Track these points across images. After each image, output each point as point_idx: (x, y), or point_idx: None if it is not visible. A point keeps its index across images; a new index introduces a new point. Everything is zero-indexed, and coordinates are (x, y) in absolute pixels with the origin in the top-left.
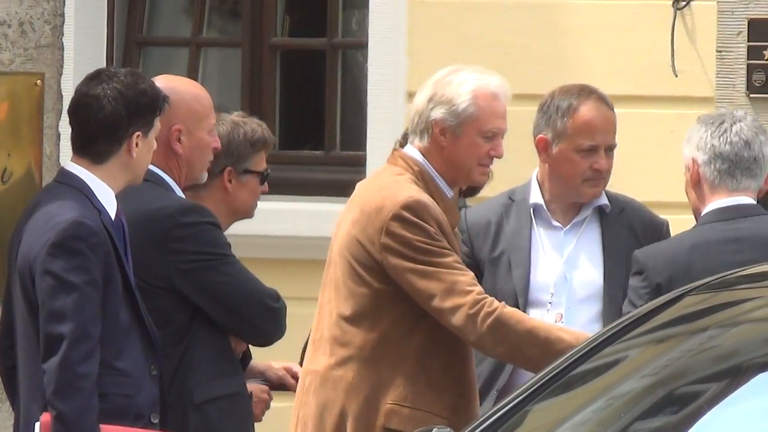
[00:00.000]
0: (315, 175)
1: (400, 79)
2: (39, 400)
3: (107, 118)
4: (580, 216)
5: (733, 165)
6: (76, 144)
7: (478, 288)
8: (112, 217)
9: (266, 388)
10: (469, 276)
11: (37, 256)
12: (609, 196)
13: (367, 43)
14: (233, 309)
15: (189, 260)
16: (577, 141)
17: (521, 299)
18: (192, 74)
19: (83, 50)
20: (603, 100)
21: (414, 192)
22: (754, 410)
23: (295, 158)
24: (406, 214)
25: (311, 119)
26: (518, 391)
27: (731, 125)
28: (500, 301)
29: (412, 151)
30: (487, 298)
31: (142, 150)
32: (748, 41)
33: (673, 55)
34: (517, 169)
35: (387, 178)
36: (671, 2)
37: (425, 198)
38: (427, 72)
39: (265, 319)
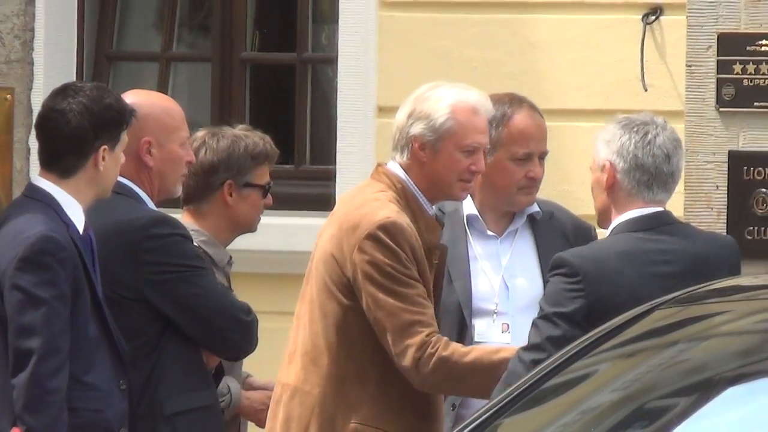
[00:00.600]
0: (284, 189)
1: (370, 93)
2: (8, 415)
3: (73, 133)
4: (513, 225)
5: (652, 178)
6: (43, 158)
7: (430, 329)
8: (80, 231)
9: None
10: (426, 314)
11: (5, 271)
12: (538, 202)
13: (336, 58)
14: (204, 321)
15: (160, 271)
16: (513, 149)
17: (466, 311)
18: (162, 89)
19: (53, 65)
20: (534, 108)
21: (392, 213)
22: (724, 424)
23: None
24: (381, 235)
25: (281, 133)
26: (488, 405)
27: (655, 137)
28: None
29: (395, 167)
30: (432, 338)
31: (109, 164)
32: (718, 56)
33: (642, 70)
34: None
35: (369, 195)
36: (641, 17)
37: (403, 220)
38: (397, 87)
39: (237, 332)
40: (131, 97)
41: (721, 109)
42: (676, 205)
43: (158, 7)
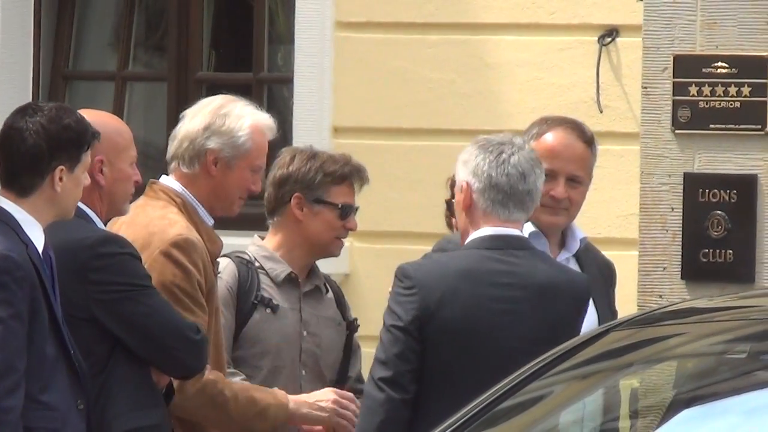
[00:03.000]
0: (240, 210)
1: (326, 114)
2: None
3: (28, 152)
4: (567, 251)
5: (507, 197)
6: (1, 177)
7: None
8: (40, 250)
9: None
10: None
11: None
12: None
13: (292, 78)
14: (152, 340)
15: (107, 291)
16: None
17: None
18: (118, 108)
19: (9, 84)
20: (576, 132)
21: (183, 229)
22: None
23: None
24: (175, 252)
25: None
26: (442, 427)
27: (510, 156)
28: None
29: (171, 182)
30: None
31: (68, 185)
32: (674, 77)
33: (598, 91)
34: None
35: (153, 213)
36: (597, 38)
37: (194, 236)
38: (353, 107)
39: (185, 351)
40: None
41: (676, 131)
42: (631, 227)
43: (114, 26)
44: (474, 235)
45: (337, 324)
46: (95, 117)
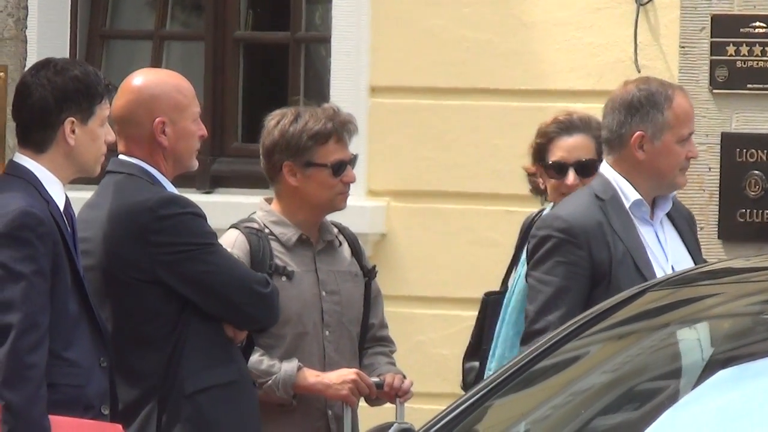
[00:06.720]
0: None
1: (363, 73)
2: None
3: (35, 105)
4: (662, 210)
5: None
6: (18, 134)
7: None
8: (61, 207)
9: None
10: None
11: None
12: None
13: (330, 38)
14: (221, 297)
15: (169, 252)
16: (680, 131)
17: None
18: (155, 67)
19: (47, 43)
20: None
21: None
22: (714, 407)
23: (258, 152)
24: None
25: None
26: (479, 387)
27: None
28: None
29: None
30: None
31: (82, 138)
32: (711, 37)
33: (636, 51)
34: (486, 161)
35: None
36: None
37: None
38: (390, 66)
39: (253, 305)
40: (139, 77)
41: (714, 91)
42: None
43: None
44: None
45: (354, 276)
46: (153, 76)
